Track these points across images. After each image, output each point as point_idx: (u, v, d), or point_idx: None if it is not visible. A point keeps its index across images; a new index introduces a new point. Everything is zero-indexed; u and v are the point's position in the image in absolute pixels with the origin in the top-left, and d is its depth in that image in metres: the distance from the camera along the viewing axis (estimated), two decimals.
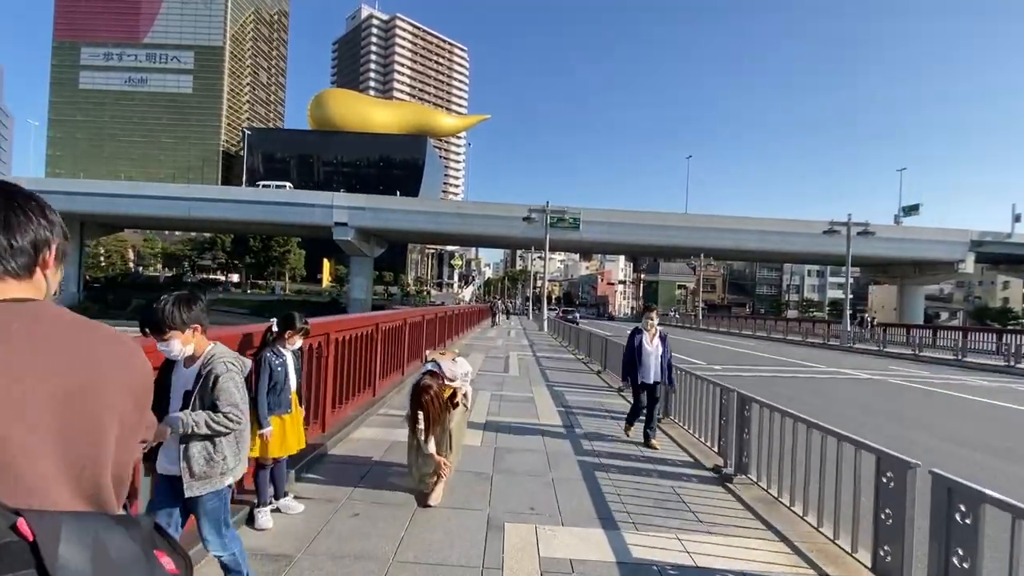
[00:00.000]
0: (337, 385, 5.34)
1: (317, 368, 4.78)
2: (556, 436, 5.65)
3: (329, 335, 4.91)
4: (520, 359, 13.04)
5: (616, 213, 51.66)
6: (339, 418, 5.34)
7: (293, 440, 3.28)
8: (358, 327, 5.89)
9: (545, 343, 19.80)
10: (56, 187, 53.14)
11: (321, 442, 4.65)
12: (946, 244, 51.85)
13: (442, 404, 3.76)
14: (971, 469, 5.67)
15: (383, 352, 7.12)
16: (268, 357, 3.17)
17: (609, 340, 10.88)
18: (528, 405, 7.24)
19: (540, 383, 9.27)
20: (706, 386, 5.57)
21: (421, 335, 9.71)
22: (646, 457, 5.07)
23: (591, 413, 6.98)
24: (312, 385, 4.69)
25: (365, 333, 6.19)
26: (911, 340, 25.30)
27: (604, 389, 9.13)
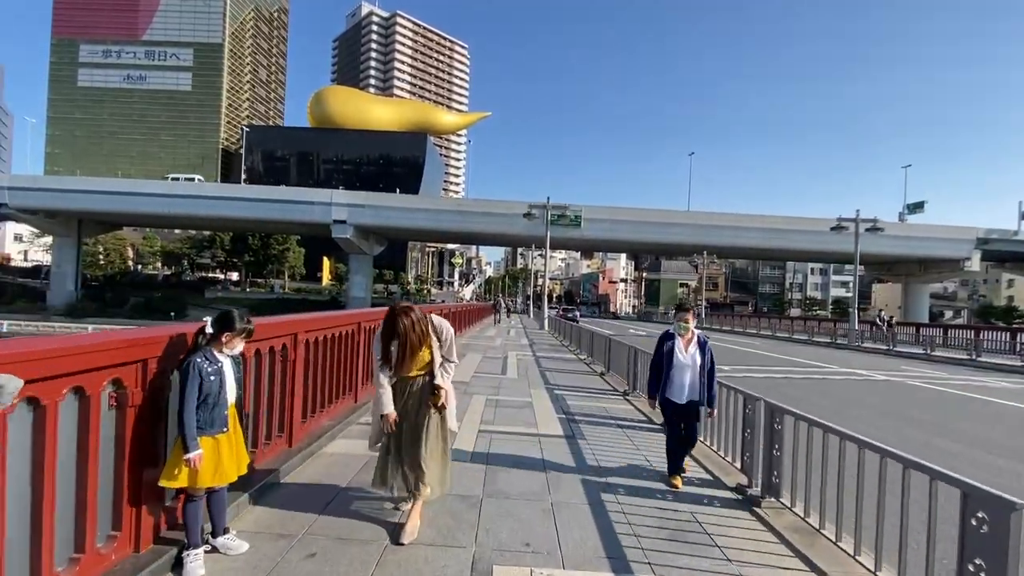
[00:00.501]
0: (309, 392, 4.73)
1: (283, 374, 4.17)
2: (556, 448, 5.03)
3: (297, 336, 4.30)
4: (519, 360, 12.43)
5: (618, 210, 51.03)
6: (311, 430, 4.72)
7: (230, 465, 2.66)
8: (336, 326, 5.27)
9: (545, 342, 19.19)
10: (53, 185, 52.70)
11: (283, 460, 4.03)
12: (952, 242, 51.28)
13: (423, 335, 3.13)
14: (1008, 480, 5.07)
15: (367, 354, 6.51)
16: (198, 363, 2.55)
17: (612, 340, 10.28)
18: (526, 411, 6.62)
19: (539, 386, 8.65)
20: (727, 393, 4.94)
21: None
22: (659, 474, 4.45)
23: (594, 420, 6.35)
24: (277, 393, 4.09)
25: (345, 333, 5.58)
26: (921, 339, 24.73)
27: (608, 392, 8.51)
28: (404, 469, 3.24)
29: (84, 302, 57.65)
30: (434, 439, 3.27)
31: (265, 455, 3.91)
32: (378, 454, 3.37)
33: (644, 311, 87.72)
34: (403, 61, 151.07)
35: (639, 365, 8.13)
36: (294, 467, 4.11)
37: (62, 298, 56.54)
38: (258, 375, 3.80)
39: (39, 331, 44.27)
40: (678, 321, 4.48)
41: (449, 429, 3.42)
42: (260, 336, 3.74)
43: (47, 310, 55.21)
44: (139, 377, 2.54)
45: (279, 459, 4.02)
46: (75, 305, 56.06)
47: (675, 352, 4.37)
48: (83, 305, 56.75)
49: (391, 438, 3.25)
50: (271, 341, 3.93)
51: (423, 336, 3.14)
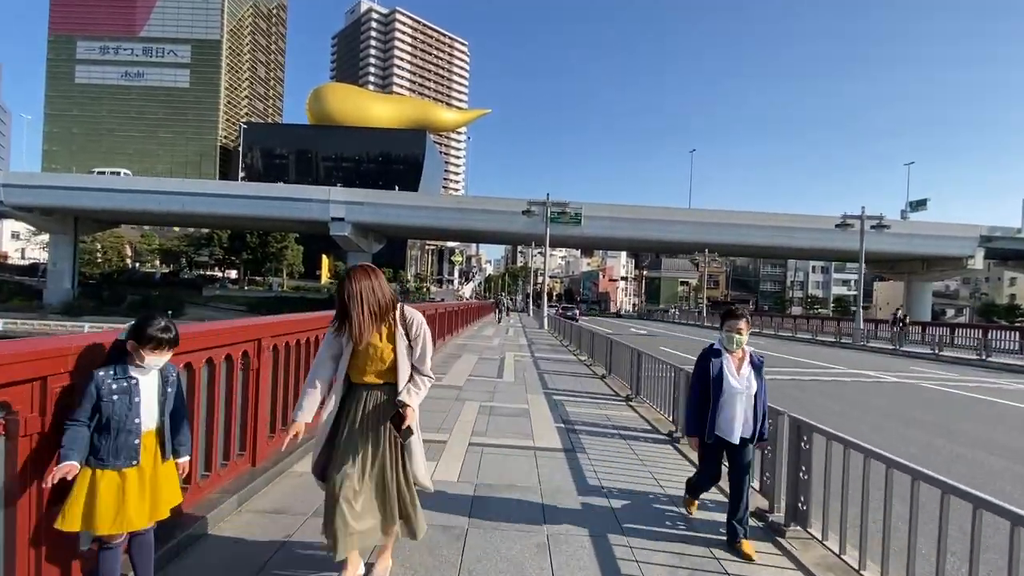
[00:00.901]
0: (278, 404, 4.25)
1: (245, 385, 3.70)
2: (554, 465, 4.55)
3: (261, 341, 3.81)
4: (517, 361, 11.95)
5: (619, 208, 50.56)
6: (279, 446, 4.25)
7: (138, 508, 2.08)
8: (309, 329, 4.79)
9: (545, 342, 18.71)
10: (49, 182, 52.28)
11: (246, 482, 3.56)
12: (955, 240, 50.88)
13: (385, 311, 2.35)
14: None
15: None
16: (99, 378, 2.05)
17: (614, 341, 9.81)
18: (522, 420, 6.14)
19: (537, 391, 8.17)
20: None
21: None
22: (668, 496, 3.97)
23: (596, 430, 5.87)
24: (237, 408, 3.61)
25: (320, 338, 5.10)
26: (927, 339, 24.24)
27: (610, 398, 8.03)
28: (352, 522, 2.26)
29: (81, 300, 57.35)
30: (393, 482, 2.40)
31: (223, 478, 3.44)
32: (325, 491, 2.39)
33: (645, 309, 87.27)
34: (402, 58, 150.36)
35: (642, 368, 7.67)
36: (257, 490, 3.63)
37: (59, 296, 56.21)
38: (211, 388, 3.32)
39: (35, 329, 43.93)
40: (727, 332, 3.32)
41: (418, 481, 2.52)
42: (212, 344, 3.27)
43: (44, 308, 54.93)
44: (35, 399, 2.05)
45: (240, 481, 3.54)
46: (72, 303, 55.76)
47: (725, 375, 3.26)
48: (80, 303, 56.47)
49: (341, 476, 2.28)
50: (228, 349, 3.45)
51: (385, 311, 2.35)
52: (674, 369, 6.05)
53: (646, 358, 7.49)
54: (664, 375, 6.57)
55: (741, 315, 3.37)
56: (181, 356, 2.95)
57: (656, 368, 6.98)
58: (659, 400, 6.76)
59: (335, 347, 2.47)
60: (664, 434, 5.87)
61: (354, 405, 2.42)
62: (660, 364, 6.78)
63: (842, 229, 26.65)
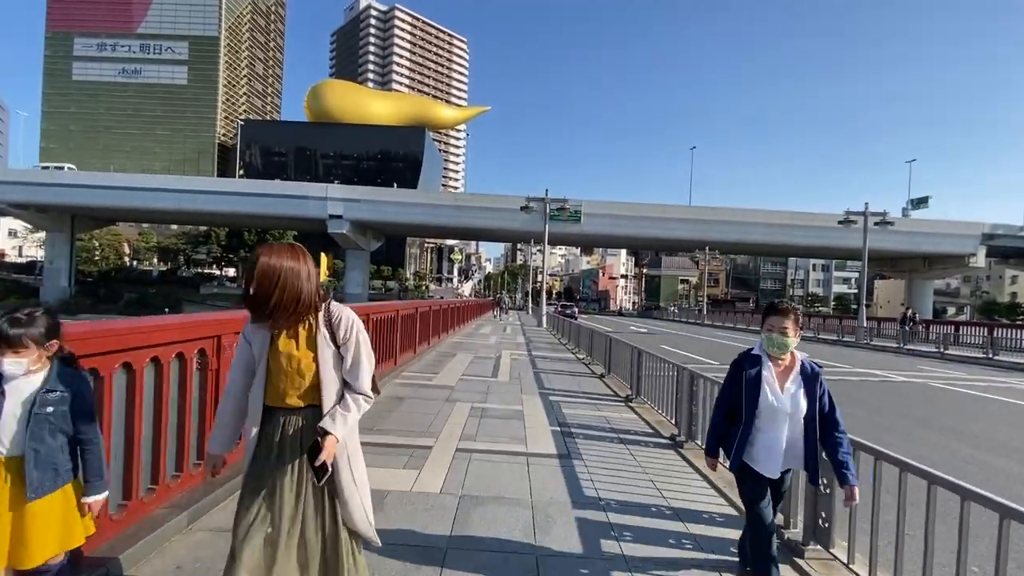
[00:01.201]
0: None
1: (202, 386, 3.32)
2: (548, 473, 4.18)
3: (222, 338, 3.43)
4: (513, 360, 11.58)
5: (618, 205, 50.16)
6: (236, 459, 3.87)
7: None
8: None
9: (543, 341, 18.34)
10: (45, 179, 51.86)
11: (200, 496, 3.18)
12: (957, 237, 50.56)
13: (307, 300, 1.80)
14: None
15: None
16: None
17: (613, 339, 9.44)
18: (515, 423, 5.77)
19: (533, 391, 7.80)
20: None
21: (390, 336, 8.24)
22: (672, 509, 3.60)
23: (594, 434, 5.51)
24: (193, 412, 3.24)
25: None
26: (931, 337, 23.88)
27: (609, 398, 7.66)
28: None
29: (77, 298, 57.14)
30: (318, 538, 1.82)
31: (172, 491, 3.07)
32: None
33: (644, 307, 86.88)
34: (402, 55, 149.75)
35: (643, 367, 7.29)
36: (217, 502, 3.26)
37: (55, 294, 55.93)
38: (158, 391, 2.95)
39: None
40: (768, 332, 2.59)
41: (356, 531, 1.89)
42: (158, 341, 2.89)
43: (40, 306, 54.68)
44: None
45: (194, 495, 3.17)
46: (68, 301, 55.49)
47: (764, 389, 2.54)
48: (76, 301, 56.27)
49: (244, 535, 1.74)
50: (181, 346, 3.07)
51: (306, 306, 1.80)
52: (676, 368, 5.68)
53: (647, 357, 7.12)
54: (666, 374, 6.20)
55: (788, 311, 2.59)
56: (117, 355, 2.59)
57: (657, 367, 6.61)
58: (660, 401, 6.40)
59: (247, 355, 1.91)
60: (666, 438, 5.50)
61: (269, 436, 1.83)
62: (661, 363, 6.42)
63: (845, 226, 26.25)
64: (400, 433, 5.05)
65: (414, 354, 10.20)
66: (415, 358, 10.10)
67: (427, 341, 11.81)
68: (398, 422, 5.46)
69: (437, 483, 3.85)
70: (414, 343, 10.14)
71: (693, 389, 5.13)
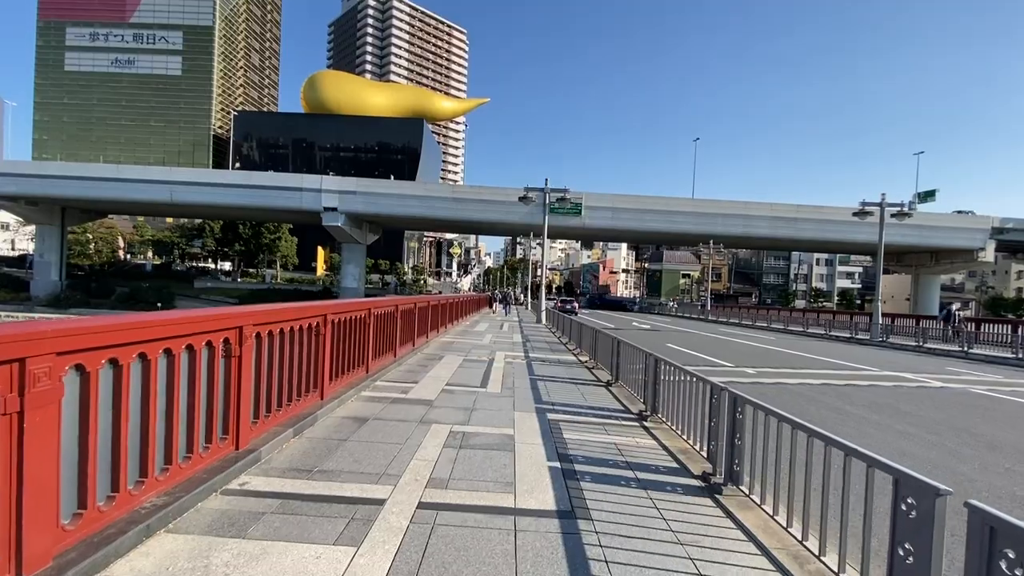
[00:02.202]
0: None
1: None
2: (544, 547, 2.94)
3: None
4: (507, 364, 10.33)
5: (620, 198, 48.82)
6: (105, 523, 2.63)
7: None
8: (206, 331, 3.18)
9: (542, 339, 17.10)
10: (33, 170, 50.51)
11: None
12: (966, 231, 49.41)
13: None
14: None
15: (275, 371, 4.44)
16: None
17: (622, 342, 8.18)
18: (503, 456, 4.52)
19: (528, 406, 6.54)
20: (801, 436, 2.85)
21: (360, 338, 6.98)
22: None
23: (605, 473, 4.26)
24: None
25: (232, 341, 3.50)
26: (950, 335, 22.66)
27: (619, 416, 6.41)
28: None
29: (69, 292, 56.11)
30: None
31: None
32: None
33: (646, 302, 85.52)
34: (400, 46, 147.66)
35: (660, 379, 6.03)
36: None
37: (46, 288, 54.95)
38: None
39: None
40: None
41: None
42: None
43: (31, 300, 53.70)
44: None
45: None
46: (59, 295, 54.52)
47: None
48: (67, 295, 55.30)
49: None
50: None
51: None
52: (710, 387, 4.44)
53: (665, 366, 5.87)
54: (692, 391, 4.96)
55: None
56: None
57: (681, 382, 5.34)
58: (684, 422, 5.16)
59: None
60: (697, 476, 4.26)
61: None
62: (686, 378, 5.15)
63: (860, 218, 24.97)
64: (347, 476, 3.81)
65: (394, 358, 8.96)
66: (395, 363, 8.86)
67: (411, 342, 10.56)
68: (350, 457, 4.22)
69: (381, 567, 2.62)
70: (394, 346, 8.90)
71: (738, 416, 3.90)
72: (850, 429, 6.98)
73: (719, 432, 4.21)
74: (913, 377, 12.38)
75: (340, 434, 4.81)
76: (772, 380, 10.99)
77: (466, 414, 5.89)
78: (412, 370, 8.72)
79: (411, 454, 4.37)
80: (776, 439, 3.35)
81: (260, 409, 4.28)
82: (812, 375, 12.01)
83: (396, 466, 4.07)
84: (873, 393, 9.93)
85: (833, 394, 9.63)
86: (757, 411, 3.64)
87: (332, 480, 3.71)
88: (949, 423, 7.56)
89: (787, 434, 3.24)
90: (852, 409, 8.35)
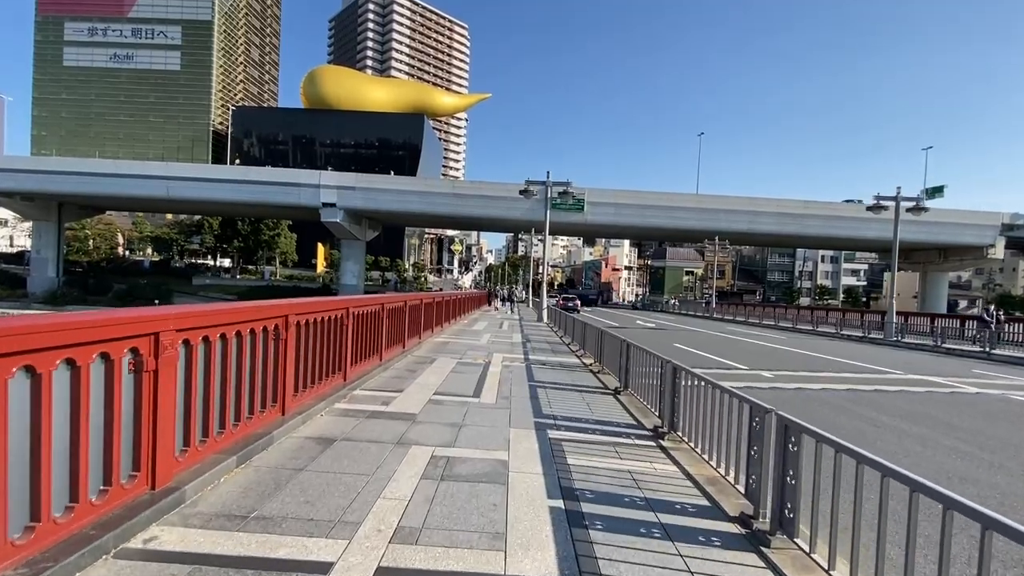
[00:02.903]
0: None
1: None
2: None
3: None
4: (504, 368, 9.47)
5: (623, 194, 47.91)
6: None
7: None
8: (99, 339, 2.34)
9: (543, 339, 16.26)
10: (29, 166, 49.86)
11: None
12: (975, 228, 48.43)
13: None
14: None
15: (215, 386, 3.62)
16: None
17: (632, 345, 7.33)
18: (493, 492, 3.66)
19: (527, 422, 5.69)
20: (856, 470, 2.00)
21: (335, 342, 6.14)
22: None
23: (621, 515, 3.41)
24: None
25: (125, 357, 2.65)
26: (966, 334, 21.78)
27: (631, 433, 5.56)
28: None
29: (66, 289, 55.61)
30: None
31: None
32: None
33: (649, 300, 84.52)
34: (401, 41, 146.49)
35: (680, 391, 5.17)
36: None
37: (43, 285, 54.43)
38: None
39: None
40: None
41: None
42: None
43: (28, 297, 53.23)
44: None
45: None
46: (56, 292, 53.97)
47: None
48: (65, 292, 54.79)
49: None
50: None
51: None
52: (750, 407, 3.58)
53: (687, 376, 5.00)
54: (720, 404, 4.11)
55: None
56: None
57: (705, 394, 4.47)
58: (712, 444, 4.29)
59: None
60: (732, 518, 3.42)
61: None
62: (718, 394, 4.25)
63: (875, 212, 23.98)
64: (292, 525, 2.97)
65: (380, 362, 8.13)
66: (379, 367, 8.01)
67: (401, 344, 9.72)
68: (301, 496, 3.37)
69: None
70: (379, 348, 8.06)
71: (791, 448, 3.05)
72: (891, 445, 6.13)
73: (762, 464, 3.36)
74: (942, 381, 11.51)
75: (297, 461, 3.97)
76: (792, 385, 10.14)
77: (453, 432, 5.04)
78: (399, 376, 7.88)
79: (379, 490, 3.53)
80: (836, 475, 2.50)
81: (192, 434, 3.45)
82: (833, 379, 11.14)
83: (357, 509, 3.22)
84: (905, 400, 9.07)
85: (862, 402, 8.77)
86: (822, 445, 2.78)
87: (270, 532, 2.87)
88: (1002, 438, 6.70)
89: (853, 472, 2.39)
90: (887, 420, 7.49)
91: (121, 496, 2.84)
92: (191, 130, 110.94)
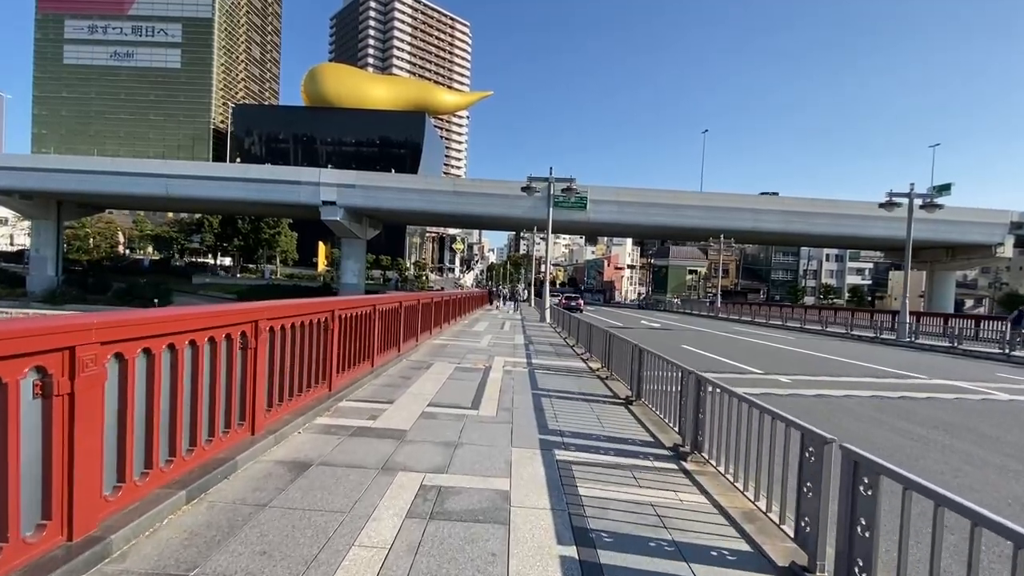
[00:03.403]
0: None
1: None
2: None
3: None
4: (506, 375, 8.86)
5: (625, 191, 47.26)
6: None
7: None
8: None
9: (546, 341, 15.65)
10: (28, 164, 49.47)
11: None
12: (984, 226, 47.73)
13: None
14: None
15: (159, 407, 3.04)
16: None
17: (644, 350, 6.72)
18: (490, 533, 3.06)
19: (531, 440, 5.06)
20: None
21: (319, 348, 5.55)
22: None
23: (650, 571, 2.81)
24: None
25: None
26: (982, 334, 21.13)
27: (649, 453, 4.94)
28: None
29: (65, 288, 55.27)
30: None
31: None
32: None
33: (652, 299, 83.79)
34: (402, 39, 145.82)
35: (705, 404, 4.55)
36: None
37: (42, 284, 54.12)
38: None
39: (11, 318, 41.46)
40: None
41: None
42: None
43: (28, 296, 52.91)
44: None
45: None
46: (55, 291, 53.64)
47: None
48: (64, 291, 54.45)
49: None
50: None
51: None
52: (801, 434, 2.98)
53: (713, 391, 4.39)
54: (755, 423, 3.50)
55: None
56: None
57: (739, 415, 3.85)
58: (745, 467, 3.69)
59: None
60: (782, 568, 2.82)
61: None
62: (759, 415, 3.64)
63: (888, 209, 23.32)
64: None
65: (371, 368, 7.54)
66: (370, 374, 7.42)
67: (396, 347, 9.13)
68: (258, 544, 2.76)
69: None
70: (370, 353, 7.46)
71: (862, 492, 2.45)
72: (936, 463, 5.52)
73: (820, 505, 2.76)
74: (970, 387, 10.87)
75: (260, 494, 3.36)
76: (812, 391, 9.52)
77: (447, 453, 4.44)
78: (391, 384, 7.28)
79: (354, 533, 2.93)
80: (937, 529, 1.89)
81: (128, 466, 2.86)
82: (855, 384, 10.52)
83: (324, 562, 2.62)
84: (937, 408, 8.45)
85: (891, 410, 8.14)
86: (910, 492, 2.18)
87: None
88: None
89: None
90: (923, 432, 6.87)
91: (22, 554, 2.25)
92: (191, 128, 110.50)
